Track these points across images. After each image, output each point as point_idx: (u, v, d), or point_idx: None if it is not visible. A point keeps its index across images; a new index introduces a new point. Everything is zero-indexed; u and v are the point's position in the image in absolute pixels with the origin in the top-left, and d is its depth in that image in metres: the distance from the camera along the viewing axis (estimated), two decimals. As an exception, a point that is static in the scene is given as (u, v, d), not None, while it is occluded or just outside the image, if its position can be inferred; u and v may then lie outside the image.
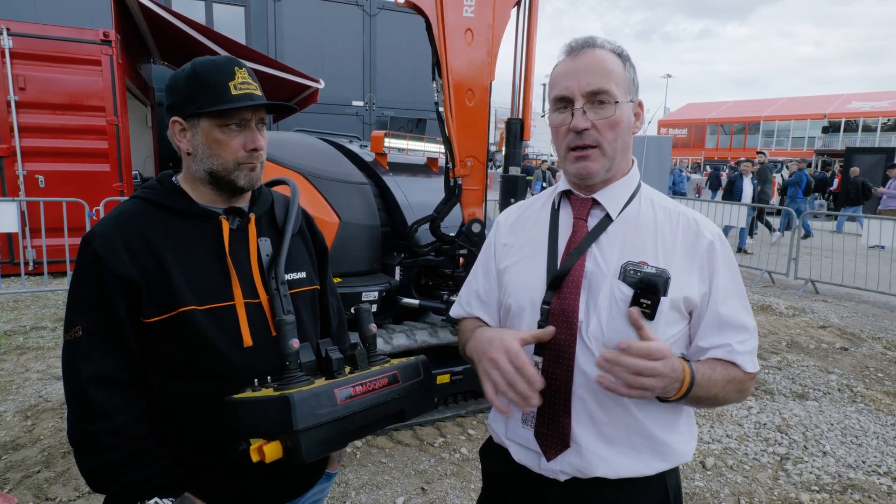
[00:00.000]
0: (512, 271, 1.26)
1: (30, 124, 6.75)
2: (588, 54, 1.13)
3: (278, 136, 4.37)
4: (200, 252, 1.20)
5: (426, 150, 4.12)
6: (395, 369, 1.18)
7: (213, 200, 1.25)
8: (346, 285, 3.31)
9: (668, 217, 1.17)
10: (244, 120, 1.19)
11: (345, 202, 3.38)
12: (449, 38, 3.11)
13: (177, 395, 1.18)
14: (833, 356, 5.19)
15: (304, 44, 10.94)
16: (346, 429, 1.06)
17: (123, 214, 1.20)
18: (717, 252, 1.13)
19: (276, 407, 0.99)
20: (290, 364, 1.09)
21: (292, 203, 1.38)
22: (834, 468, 3.25)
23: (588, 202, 1.20)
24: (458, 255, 3.41)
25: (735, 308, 1.13)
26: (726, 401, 1.15)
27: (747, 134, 35.36)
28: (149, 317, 1.13)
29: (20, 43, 6.58)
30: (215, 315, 1.17)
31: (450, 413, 3.65)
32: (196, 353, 1.16)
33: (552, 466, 1.16)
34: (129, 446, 1.12)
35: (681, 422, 1.19)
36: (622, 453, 1.13)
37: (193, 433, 1.19)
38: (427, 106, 11.87)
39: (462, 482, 3.00)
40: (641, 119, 1.20)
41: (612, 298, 1.11)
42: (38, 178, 6.86)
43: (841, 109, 32.26)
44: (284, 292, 1.24)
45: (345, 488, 2.90)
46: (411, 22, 11.61)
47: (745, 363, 1.12)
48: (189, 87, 1.17)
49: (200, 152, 1.19)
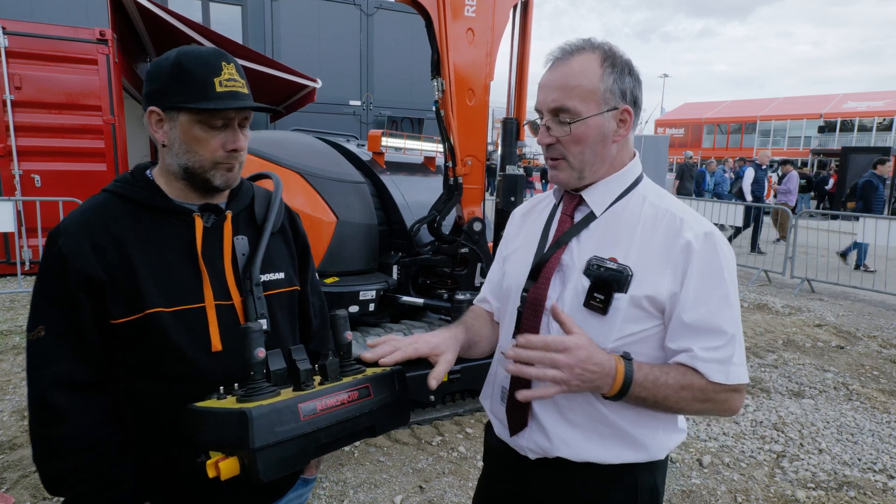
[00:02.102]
0: (510, 259, 1.35)
1: (26, 123, 6.72)
2: (561, 67, 1.13)
3: (276, 135, 4.36)
4: (172, 251, 1.14)
5: (423, 150, 4.12)
6: (368, 381, 1.11)
7: (188, 196, 1.19)
8: (344, 284, 3.31)
9: (653, 214, 1.15)
10: (227, 119, 1.14)
11: (342, 201, 3.39)
12: (450, 37, 3.13)
13: (143, 397, 1.13)
14: (829, 354, 5.21)
15: (300, 43, 10.93)
16: (309, 446, 1.00)
17: (92, 209, 1.14)
18: (695, 252, 1.08)
19: (233, 421, 0.94)
20: (255, 374, 1.01)
21: (274, 199, 1.31)
22: (830, 465, 3.27)
23: (576, 199, 1.22)
24: (459, 254, 3.42)
25: (709, 311, 1.07)
26: (689, 409, 1.10)
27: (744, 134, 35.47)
28: (116, 317, 1.08)
29: (16, 42, 6.55)
30: (184, 317, 1.12)
31: (448, 412, 3.66)
32: (163, 356, 1.11)
33: (519, 442, 1.22)
34: (89, 452, 1.08)
35: (657, 417, 1.17)
36: (586, 438, 1.15)
37: (159, 438, 1.14)
38: (424, 105, 11.87)
39: (460, 480, 3.01)
40: (629, 125, 1.15)
41: (575, 291, 1.14)
42: (35, 177, 6.83)
43: (837, 109, 32.37)
44: (259, 294, 1.19)
45: (343, 487, 2.91)
46: (408, 21, 11.61)
47: (709, 371, 1.06)
48: (172, 78, 1.11)
49: (177, 147, 1.13)
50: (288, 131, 4.50)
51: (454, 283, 3.50)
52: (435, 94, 3.24)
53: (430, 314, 3.76)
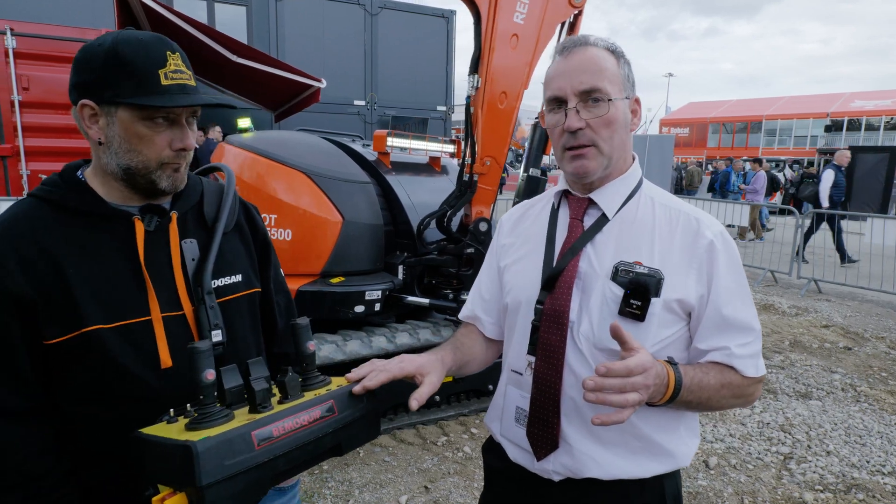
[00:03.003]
0: (511, 270, 1.27)
1: (33, 124, 6.75)
2: (579, 53, 1.12)
3: (282, 135, 4.38)
4: (110, 260, 1.03)
5: (428, 150, 4.12)
6: (332, 398, 1.01)
7: (127, 198, 1.07)
8: (349, 284, 3.31)
9: (667, 215, 1.14)
10: (173, 114, 1.03)
11: (348, 201, 3.39)
12: (495, 38, 3.17)
13: (87, 422, 1.03)
14: (836, 355, 5.18)
15: (305, 43, 10.94)
16: (265, 476, 0.90)
17: (16, 219, 1.02)
18: (718, 251, 1.09)
19: (177, 455, 0.84)
20: (205, 398, 0.91)
21: (226, 195, 1.19)
22: (838, 468, 3.25)
23: (584, 202, 1.18)
24: (465, 254, 3.42)
25: (737, 309, 1.09)
26: (723, 406, 1.12)
27: (749, 133, 35.30)
28: (49, 338, 0.98)
29: (23, 43, 6.59)
30: (127, 333, 1.02)
31: (452, 412, 3.66)
32: (106, 376, 1.01)
33: (544, 466, 1.16)
34: (24, 488, 0.99)
35: (681, 425, 1.16)
36: (617, 454, 1.12)
37: (106, 467, 1.04)
38: (428, 105, 11.87)
39: (465, 481, 3.00)
40: (639, 115, 1.18)
41: (603, 299, 1.10)
42: (42, 177, 6.86)
43: (844, 108, 32.18)
44: (211, 303, 1.09)
45: (348, 486, 2.91)
46: (412, 21, 11.60)
47: (745, 367, 1.09)
48: (107, 68, 0.99)
49: (116, 145, 1.02)
50: (293, 131, 4.51)
51: (459, 284, 3.50)
52: (469, 90, 3.27)
53: (436, 314, 3.76)
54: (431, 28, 11.77)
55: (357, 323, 3.45)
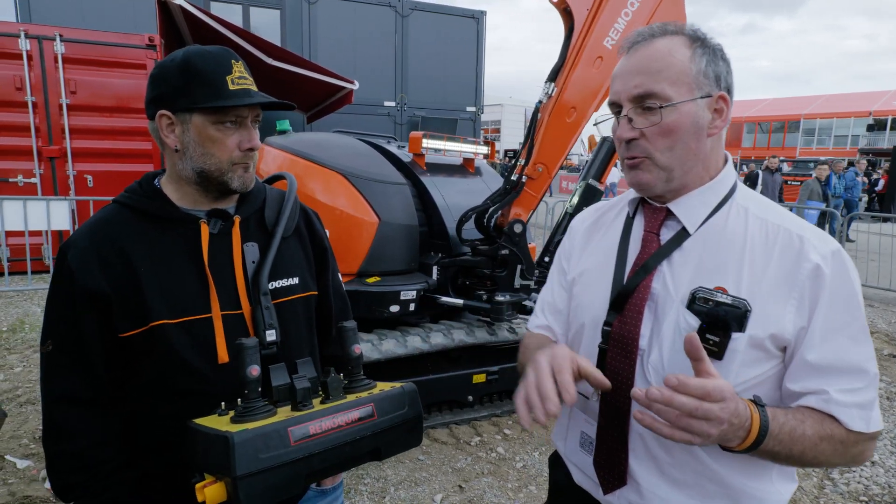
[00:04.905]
0: (579, 283, 1.16)
1: (80, 126, 7.03)
2: (643, 50, 0.98)
3: (318, 136, 4.45)
4: (178, 260, 1.11)
5: (462, 151, 4.14)
6: (372, 401, 1.02)
7: (197, 202, 1.16)
8: (385, 284, 3.36)
9: (763, 232, 0.97)
10: (240, 117, 1.11)
11: (384, 202, 3.43)
12: (582, 56, 3.20)
13: (146, 415, 1.12)
14: (881, 363, 5.01)
15: (337, 45, 11.08)
16: (300, 473, 0.92)
17: (100, 222, 1.12)
18: (825, 277, 0.90)
19: (218, 445, 0.89)
20: (249, 393, 0.96)
21: (287, 201, 1.26)
22: (884, 479, 3.15)
23: (662, 212, 1.04)
24: (499, 255, 3.42)
25: (842, 347, 0.91)
26: (821, 464, 0.94)
27: (786, 132, 34.28)
28: (123, 331, 1.07)
29: (71, 48, 6.86)
30: (189, 329, 1.09)
31: (485, 412, 3.67)
32: (170, 369, 1.09)
33: (610, 500, 1.07)
34: (85, 472, 1.07)
35: (774, 468, 0.98)
36: (689, 496, 0.99)
37: (163, 456, 1.11)
38: (457, 106, 11.89)
39: (499, 481, 3.01)
40: (725, 116, 0.99)
41: (677, 328, 0.96)
42: (87, 177, 7.14)
43: (888, 106, 30.94)
44: (267, 304, 1.14)
45: (384, 484, 2.95)
46: (442, 23, 11.64)
47: (850, 419, 0.89)
48: (182, 79, 1.07)
49: (192, 150, 1.10)
50: (330, 133, 4.58)
51: (493, 285, 3.51)
52: (542, 95, 3.31)
53: (469, 315, 3.78)
54: (461, 29, 11.78)
55: (392, 322, 3.49)
